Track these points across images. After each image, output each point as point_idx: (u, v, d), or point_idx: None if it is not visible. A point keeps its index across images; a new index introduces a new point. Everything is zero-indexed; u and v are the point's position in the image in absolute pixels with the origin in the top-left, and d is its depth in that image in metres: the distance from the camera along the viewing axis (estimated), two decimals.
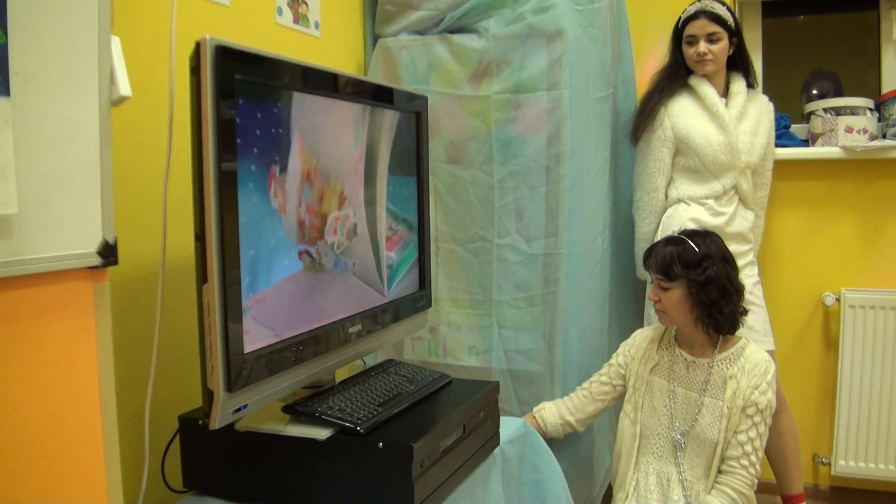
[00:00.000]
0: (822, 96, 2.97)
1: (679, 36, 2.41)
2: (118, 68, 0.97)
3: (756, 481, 1.93)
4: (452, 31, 2.24)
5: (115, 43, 0.97)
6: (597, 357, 2.34)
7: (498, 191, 2.23)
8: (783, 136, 2.69)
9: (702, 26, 2.34)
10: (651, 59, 2.68)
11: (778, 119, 2.66)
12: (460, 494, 1.51)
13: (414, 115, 1.76)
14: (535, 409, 2.13)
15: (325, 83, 1.43)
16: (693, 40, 2.36)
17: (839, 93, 2.92)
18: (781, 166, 2.56)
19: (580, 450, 2.33)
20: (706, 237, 2.01)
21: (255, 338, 1.24)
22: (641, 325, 2.66)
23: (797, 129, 2.79)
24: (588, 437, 2.31)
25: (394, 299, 1.71)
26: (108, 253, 0.96)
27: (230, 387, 1.17)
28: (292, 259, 1.34)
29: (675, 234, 2.03)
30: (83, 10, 0.93)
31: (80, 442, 0.97)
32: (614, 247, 2.56)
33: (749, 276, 2.35)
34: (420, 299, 1.83)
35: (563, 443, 2.19)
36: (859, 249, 2.68)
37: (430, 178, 2.08)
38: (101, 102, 0.94)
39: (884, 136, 2.59)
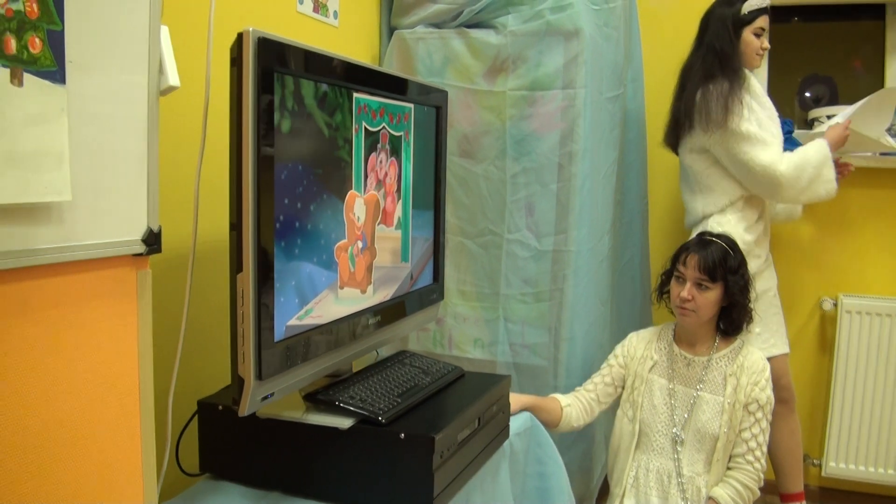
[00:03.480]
0: (816, 100, 3.01)
1: (740, 24, 2.31)
2: (167, 58, 0.98)
3: (762, 476, 1.99)
4: (469, 26, 2.25)
5: (164, 33, 0.98)
6: (599, 353, 2.38)
7: (510, 186, 2.25)
8: (786, 142, 2.71)
9: (768, 23, 2.33)
10: None
11: (782, 124, 2.69)
12: (473, 485, 1.53)
13: (434, 109, 1.77)
14: (562, 403, 2.11)
15: (373, 80, 1.45)
16: (762, 33, 2.31)
17: (834, 98, 2.96)
18: None
19: (580, 445, 2.36)
20: (734, 243, 2.07)
21: (285, 327, 1.26)
22: (641, 321, 2.70)
23: (799, 134, 2.83)
24: (588, 432, 2.35)
25: (411, 291, 1.73)
26: (153, 241, 0.97)
27: (260, 375, 1.19)
28: (328, 252, 1.36)
29: (708, 238, 2.07)
30: (135, 0, 0.94)
31: (118, 426, 0.98)
32: (617, 245, 2.59)
33: (770, 279, 2.39)
34: (433, 292, 1.85)
35: (565, 438, 2.22)
36: (858, 256, 2.72)
37: None
38: (150, 92, 0.95)
39: None
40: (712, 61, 2.30)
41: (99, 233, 0.91)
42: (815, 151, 2.25)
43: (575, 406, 2.11)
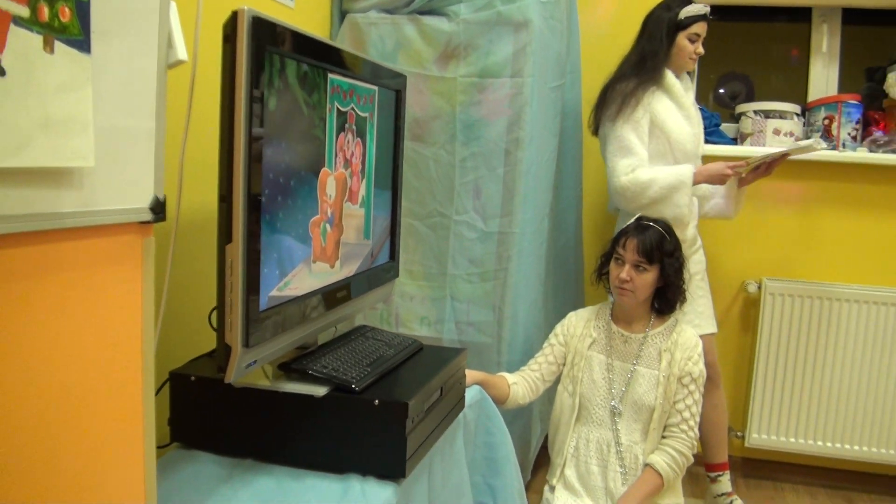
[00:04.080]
0: (732, 98, 3.19)
1: (675, 28, 2.41)
2: (175, 33, 1.01)
3: (695, 444, 2.13)
4: (422, 13, 2.31)
5: (173, 8, 1.01)
6: (538, 331, 2.49)
7: (459, 170, 2.33)
8: (713, 134, 2.89)
9: (705, 29, 2.43)
10: None
11: (709, 117, 2.86)
12: (435, 451, 1.61)
13: (394, 92, 1.83)
14: (509, 381, 2.20)
15: (345, 62, 1.50)
16: (696, 39, 2.41)
17: (750, 95, 3.14)
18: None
19: (520, 420, 2.47)
20: (670, 228, 2.20)
21: (267, 297, 1.30)
22: (575, 302, 2.83)
23: (725, 128, 3.01)
24: (527, 407, 2.46)
25: (372, 267, 1.79)
26: (159, 209, 1.01)
27: (248, 343, 1.23)
28: (304, 227, 1.40)
29: (645, 223, 2.19)
30: None
31: (122, 389, 1.01)
32: (554, 228, 2.71)
33: (699, 262, 2.54)
34: (390, 269, 1.92)
35: (506, 413, 2.31)
36: (781, 243, 2.89)
37: None
38: (159, 65, 0.99)
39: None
40: (636, 61, 2.44)
41: (112, 199, 0.94)
42: (672, 176, 2.33)
43: (521, 384, 2.22)
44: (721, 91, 3.21)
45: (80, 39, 0.84)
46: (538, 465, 2.70)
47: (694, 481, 2.37)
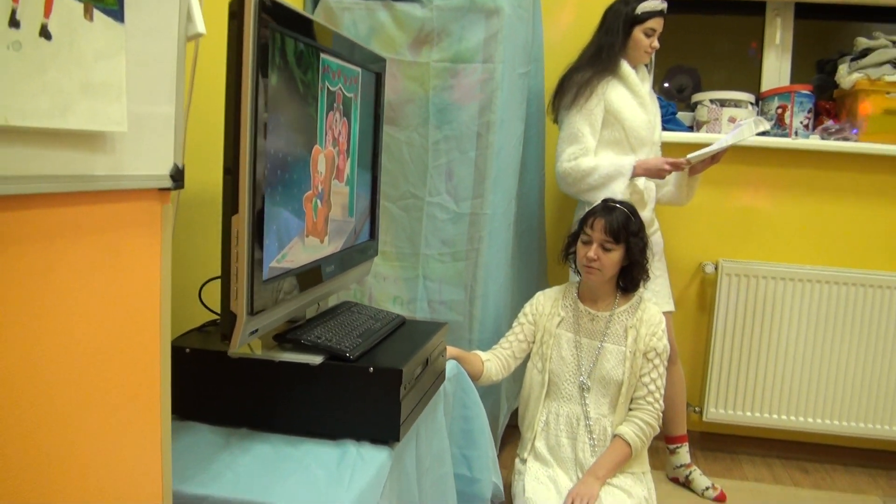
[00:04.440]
0: (679, 90, 3.31)
1: (632, 22, 2.51)
2: (195, 6, 1.05)
3: (661, 415, 2.24)
4: None
5: None
6: (507, 310, 2.57)
7: (432, 153, 2.39)
8: (670, 122, 3.00)
9: (661, 24, 2.52)
10: None
11: (666, 106, 2.97)
12: (421, 420, 1.67)
13: (375, 75, 1.88)
14: (483, 358, 2.27)
15: (335, 43, 1.55)
16: (652, 33, 2.51)
17: (697, 88, 3.26)
18: (673, 148, 2.82)
19: (490, 396, 2.55)
20: (634, 209, 2.29)
21: (268, 268, 1.35)
22: (539, 282, 2.91)
23: (682, 116, 3.13)
24: (497, 384, 2.54)
25: (355, 244, 1.84)
26: (179, 177, 1.04)
27: (252, 310, 1.27)
28: (299, 202, 1.45)
29: (611, 204, 2.28)
30: None
31: (141, 348, 1.05)
32: (520, 211, 2.79)
33: (656, 244, 2.64)
34: (371, 247, 1.97)
35: (477, 388, 2.39)
36: (736, 225, 3.01)
37: None
38: (179, 37, 1.02)
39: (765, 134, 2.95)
40: (593, 52, 2.54)
41: (136, 166, 0.98)
42: (612, 167, 2.44)
43: (494, 362, 2.29)
44: (666, 85, 3.31)
45: (116, 9, 0.88)
46: (505, 442, 2.78)
47: (654, 454, 2.47)
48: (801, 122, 2.93)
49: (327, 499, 1.26)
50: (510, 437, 2.78)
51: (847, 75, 2.91)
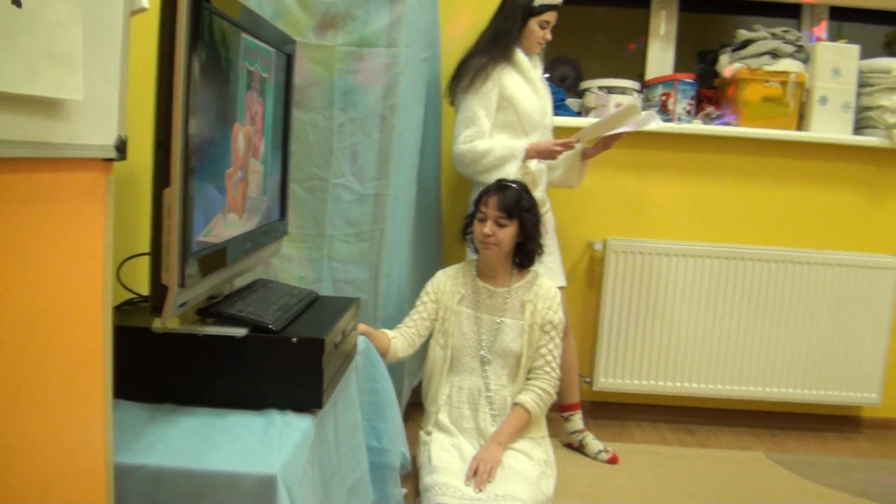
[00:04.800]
0: (562, 80, 3.48)
1: (528, 13, 2.61)
2: None
3: (558, 383, 2.38)
4: None
5: None
6: (410, 288, 2.65)
7: (336, 135, 2.43)
8: (560, 108, 3.16)
9: (556, 18, 2.64)
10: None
11: (555, 93, 3.12)
12: (338, 391, 1.73)
13: (286, 56, 1.92)
14: (389, 335, 2.35)
15: (254, 24, 1.58)
16: (546, 25, 2.63)
17: (579, 79, 3.42)
18: (564, 132, 2.83)
19: (394, 372, 2.62)
20: (526, 186, 2.42)
21: (196, 241, 1.37)
22: (436, 262, 3.01)
23: (570, 102, 3.29)
24: (400, 362, 2.61)
25: (269, 222, 1.87)
26: (122, 148, 1.07)
27: (183, 283, 1.30)
28: (222, 178, 1.48)
29: (505, 183, 2.39)
30: None
31: (85, 314, 1.07)
32: (419, 192, 2.87)
33: (548, 223, 2.78)
34: (281, 227, 2.01)
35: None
36: (624, 205, 3.21)
37: None
38: (125, 11, 1.04)
39: None
40: (490, 38, 2.64)
41: (89, 135, 1.00)
42: (506, 149, 2.55)
43: (400, 339, 2.37)
44: (547, 76, 3.46)
45: None
46: (407, 418, 2.86)
47: (549, 424, 2.61)
48: (684, 109, 3.15)
49: (260, 462, 1.31)
50: (412, 413, 2.86)
51: (728, 64, 3.16)
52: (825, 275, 3.15)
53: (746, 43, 3.14)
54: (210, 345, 1.49)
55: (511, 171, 2.53)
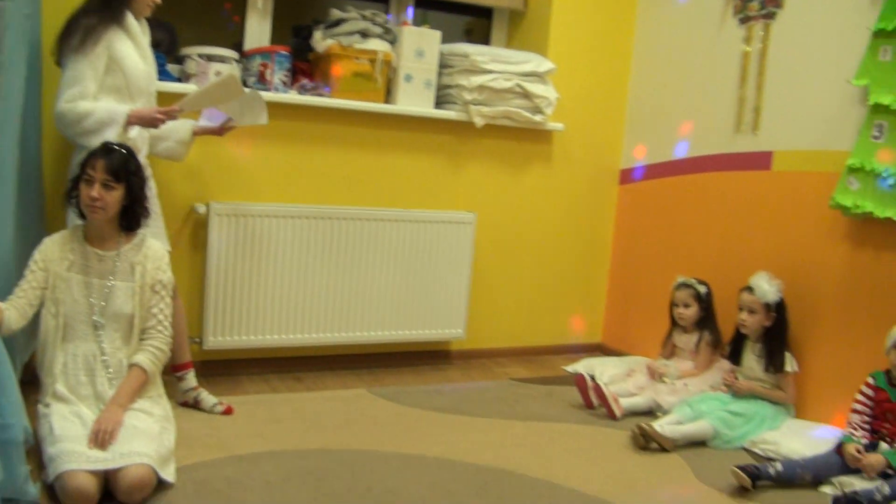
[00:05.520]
0: (156, 45, 3.50)
1: None
2: None
3: (171, 341, 2.53)
4: None
5: None
6: (14, 260, 2.52)
7: None
8: (161, 73, 3.13)
9: None
10: None
11: (158, 57, 3.14)
12: None
13: None
14: (2, 307, 2.25)
15: None
16: None
17: (174, 44, 3.49)
18: (167, 98, 2.92)
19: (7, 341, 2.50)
20: (132, 150, 2.47)
21: None
22: (39, 228, 2.89)
23: (171, 68, 3.33)
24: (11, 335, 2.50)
25: None
26: None
27: None
28: None
29: (111, 146, 2.42)
30: None
31: None
32: (21, 155, 2.72)
33: (150, 188, 2.83)
34: None
35: None
36: (226, 170, 3.35)
37: None
38: None
39: (245, 84, 3.31)
40: (99, 3, 2.63)
41: None
42: (106, 113, 2.57)
43: (12, 311, 2.30)
44: None
45: None
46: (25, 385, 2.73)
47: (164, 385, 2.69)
48: (281, 80, 3.41)
49: None
50: (24, 391, 2.72)
51: (322, 41, 3.48)
52: (412, 230, 3.68)
53: (339, 21, 3.47)
54: None
55: (111, 136, 2.55)
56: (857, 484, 2.58)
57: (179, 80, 3.32)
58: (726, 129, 3.71)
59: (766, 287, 3.15)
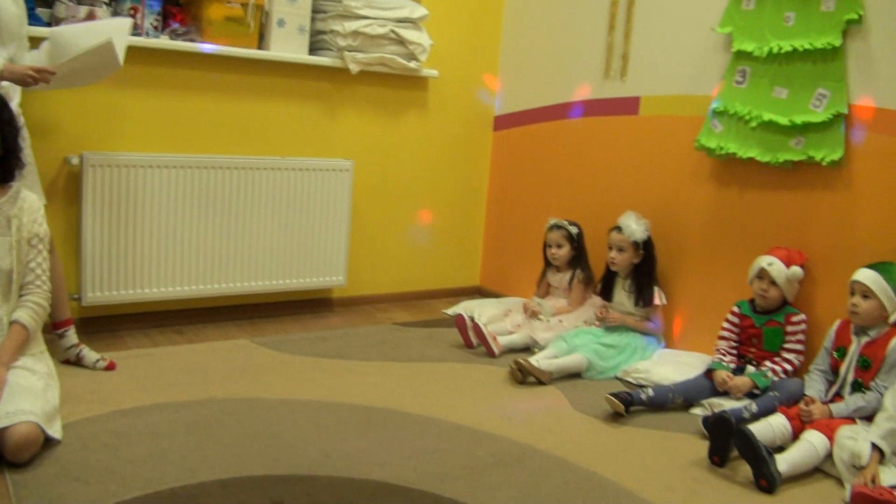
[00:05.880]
0: None
1: None
2: None
3: (50, 296, 2.47)
4: None
5: None
6: None
7: None
8: (30, 17, 2.98)
9: None
10: None
11: (26, 2, 2.97)
12: None
13: None
14: None
15: None
16: None
17: None
18: (34, 42, 2.79)
19: None
20: (4, 100, 2.35)
21: None
22: None
23: (40, 12, 3.14)
24: None
25: None
26: None
27: None
28: None
29: None
30: None
31: None
32: None
33: (24, 139, 2.69)
34: None
35: None
36: (99, 119, 3.22)
37: None
38: None
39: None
40: None
41: None
42: None
43: None
44: None
45: None
46: None
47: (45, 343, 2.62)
48: (152, 24, 3.28)
49: None
50: None
51: None
52: (290, 178, 3.67)
53: None
54: None
55: None
56: (725, 405, 2.83)
57: (49, 24, 3.13)
58: (596, 75, 3.88)
59: (634, 226, 3.36)
